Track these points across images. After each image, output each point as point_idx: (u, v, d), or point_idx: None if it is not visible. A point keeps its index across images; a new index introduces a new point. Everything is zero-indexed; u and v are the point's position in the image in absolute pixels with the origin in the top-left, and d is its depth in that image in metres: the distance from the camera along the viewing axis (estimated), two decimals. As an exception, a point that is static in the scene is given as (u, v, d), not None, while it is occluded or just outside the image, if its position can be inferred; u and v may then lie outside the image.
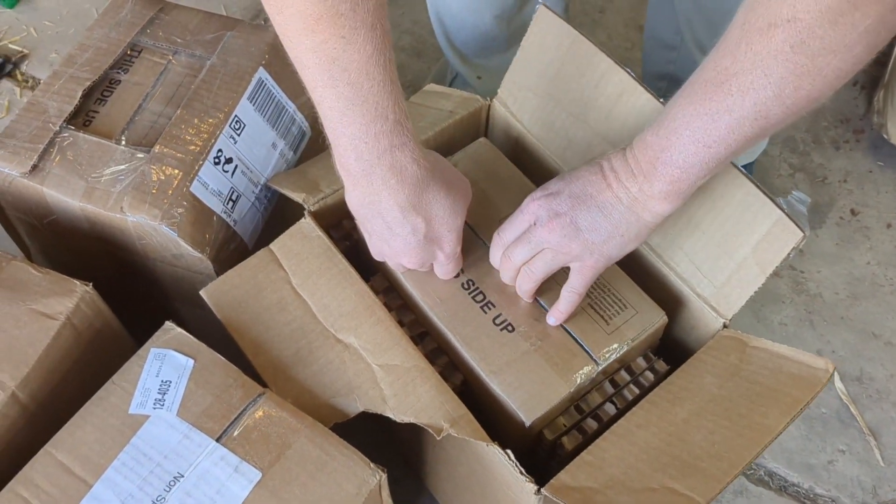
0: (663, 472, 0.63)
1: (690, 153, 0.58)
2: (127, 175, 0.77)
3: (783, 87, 0.52)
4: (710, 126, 0.56)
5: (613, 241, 0.65)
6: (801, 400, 0.65)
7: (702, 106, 0.56)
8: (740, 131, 0.55)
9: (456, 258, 0.73)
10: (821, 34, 0.49)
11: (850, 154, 1.24)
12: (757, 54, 0.51)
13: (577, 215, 0.65)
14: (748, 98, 0.53)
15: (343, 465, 0.64)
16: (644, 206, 0.63)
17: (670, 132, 0.58)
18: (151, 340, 0.70)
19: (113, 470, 0.63)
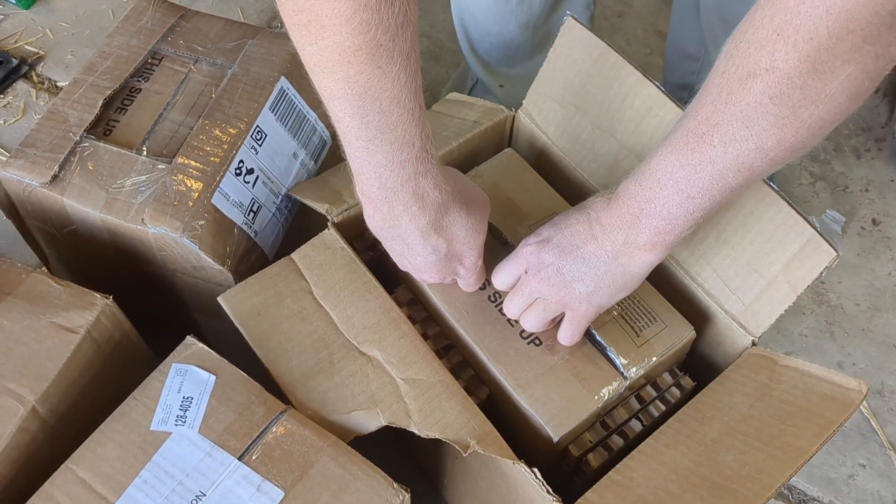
0: (693, 494, 0.62)
1: (674, 204, 0.57)
2: (148, 186, 0.76)
3: (765, 140, 0.51)
4: (693, 177, 0.55)
5: (601, 292, 0.65)
6: (835, 421, 0.64)
7: (684, 157, 0.55)
8: (723, 182, 0.54)
9: (477, 271, 0.72)
10: (800, 84, 0.47)
11: (871, 163, 1.23)
12: (737, 105, 0.50)
13: (563, 266, 0.65)
14: (730, 150, 0.52)
15: (366, 485, 0.63)
16: (630, 257, 0.62)
17: (653, 183, 0.57)
18: (173, 355, 0.69)
19: (134, 488, 0.62)
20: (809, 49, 0.46)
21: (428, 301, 0.76)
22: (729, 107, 0.51)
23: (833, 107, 0.48)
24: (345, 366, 0.70)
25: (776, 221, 0.68)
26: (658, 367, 0.73)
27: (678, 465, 0.64)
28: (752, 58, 0.48)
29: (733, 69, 0.50)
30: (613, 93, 0.77)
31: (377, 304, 0.73)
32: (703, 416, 0.68)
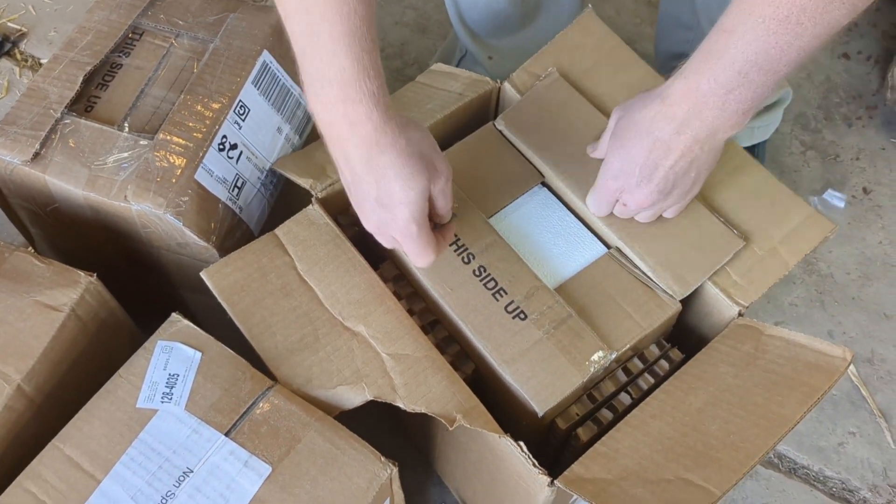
0: (678, 463, 0.63)
1: (759, 83, 0.60)
2: (130, 163, 0.76)
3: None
4: (783, 56, 0.58)
5: (699, 183, 0.69)
6: (819, 389, 0.64)
7: (770, 38, 0.58)
8: (809, 50, 0.57)
9: (414, 239, 0.66)
10: None
11: (862, 131, 1.22)
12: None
13: (662, 181, 0.68)
14: (823, 19, 0.55)
15: (353, 459, 0.63)
16: (717, 134, 0.65)
17: (736, 74, 0.60)
18: (158, 333, 0.69)
19: (121, 465, 0.62)
20: None
21: (413, 277, 0.76)
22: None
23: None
24: (330, 341, 0.70)
25: (777, 201, 0.69)
26: (644, 339, 0.73)
27: (663, 435, 0.65)
28: None
29: None
30: (619, 81, 0.77)
31: (362, 280, 0.73)
32: (689, 387, 0.68)
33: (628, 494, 0.61)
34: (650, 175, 0.68)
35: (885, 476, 0.96)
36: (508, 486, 0.71)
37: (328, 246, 0.75)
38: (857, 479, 0.96)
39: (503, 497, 0.75)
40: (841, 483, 0.96)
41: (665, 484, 0.61)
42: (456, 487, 0.92)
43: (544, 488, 0.64)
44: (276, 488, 0.61)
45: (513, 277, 0.74)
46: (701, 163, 0.67)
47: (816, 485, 0.96)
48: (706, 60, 0.61)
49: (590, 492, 0.62)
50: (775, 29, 0.57)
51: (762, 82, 0.60)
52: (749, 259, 0.71)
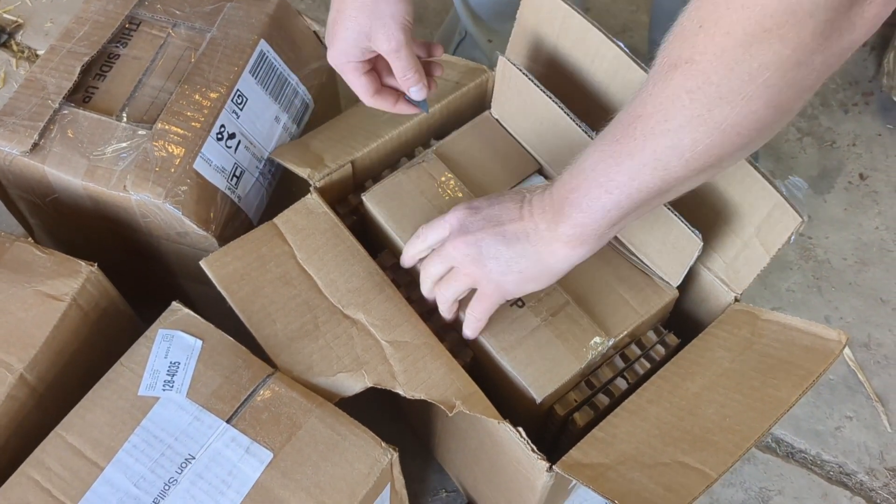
0: (675, 447, 0.63)
1: (593, 197, 0.55)
2: (129, 153, 0.76)
3: (680, 137, 0.49)
4: (612, 170, 0.53)
5: (511, 276, 0.63)
6: (814, 372, 0.65)
7: (609, 147, 0.54)
8: (640, 179, 0.52)
9: (402, 56, 0.69)
10: (716, 80, 0.46)
11: (858, 117, 1.23)
12: (659, 97, 0.49)
13: (483, 238, 0.63)
14: (648, 144, 0.51)
15: (354, 445, 0.63)
16: (548, 247, 0.61)
17: (580, 172, 0.56)
18: (159, 321, 0.69)
19: (124, 452, 0.63)
20: (726, 44, 0.44)
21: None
22: (653, 98, 0.49)
23: (750, 112, 0.47)
24: (329, 329, 0.70)
25: (745, 185, 0.68)
26: (641, 326, 0.73)
27: (660, 419, 0.65)
28: (676, 49, 0.47)
29: (661, 60, 0.49)
30: (581, 54, 0.77)
31: (361, 268, 0.73)
32: (686, 372, 0.68)
33: (626, 478, 0.61)
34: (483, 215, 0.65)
35: (882, 459, 0.97)
36: (508, 472, 0.72)
37: (327, 234, 0.75)
38: (853, 462, 0.97)
39: (503, 483, 0.75)
40: (838, 467, 0.97)
41: (662, 467, 0.62)
42: (456, 474, 0.92)
43: (543, 473, 0.64)
44: (278, 474, 0.62)
45: None
46: (526, 258, 0.62)
47: (814, 469, 0.97)
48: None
49: (588, 476, 0.62)
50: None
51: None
52: (732, 248, 0.71)
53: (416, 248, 0.70)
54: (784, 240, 0.67)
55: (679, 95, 0.48)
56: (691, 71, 0.46)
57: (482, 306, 0.67)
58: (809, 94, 0.47)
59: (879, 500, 0.95)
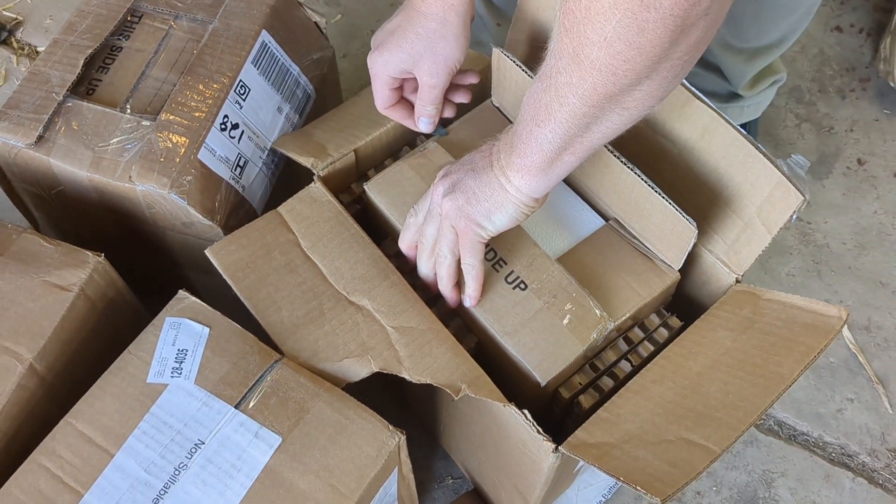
0: (679, 424, 0.64)
1: (529, 132, 0.60)
2: (134, 144, 0.77)
3: (570, 75, 0.53)
4: (540, 111, 0.58)
5: (480, 206, 0.67)
6: (815, 348, 0.65)
7: (536, 84, 0.58)
8: (555, 116, 0.57)
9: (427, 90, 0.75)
10: (581, 18, 0.49)
11: (856, 103, 1.23)
12: (553, 43, 0.53)
13: (459, 178, 0.68)
14: (552, 84, 0.55)
15: (362, 428, 0.64)
16: (506, 176, 0.65)
17: (522, 111, 0.61)
18: (166, 309, 0.70)
19: (134, 439, 0.64)
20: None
21: None
22: (555, 38, 0.53)
23: (616, 53, 0.49)
24: (335, 315, 0.71)
25: (746, 165, 0.68)
26: (644, 309, 0.74)
27: (664, 399, 0.66)
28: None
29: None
30: None
31: (365, 255, 0.74)
32: (689, 353, 0.69)
33: (630, 456, 0.62)
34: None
35: (884, 441, 0.98)
36: (513, 455, 0.72)
37: (331, 223, 0.76)
38: (855, 444, 0.98)
39: (508, 467, 0.76)
40: (840, 448, 0.98)
41: (666, 444, 0.62)
42: (461, 460, 0.93)
43: (549, 455, 0.65)
44: (287, 458, 0.63)
45: (512, 247, 0.75)
46: (489, 188, 0.67)
47: (816, 450, 0.98)
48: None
49: (593, 455, 0.63)
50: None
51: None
52: (733, 229, 0.72)
53: (410, 229, 0.74)
54: (786, 219, 0.67)
55: (560, 33, 0.51)
56: (566, 8, 0.50)
57: (466, 249, 0.70)
58: (672, 41, 0.49)
59: (881, 481, 0.96)
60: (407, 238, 0.75)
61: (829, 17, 1.32)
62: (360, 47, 1.29)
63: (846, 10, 1.32)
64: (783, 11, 0.92)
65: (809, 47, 1.28)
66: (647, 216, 0.73)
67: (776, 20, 0.93)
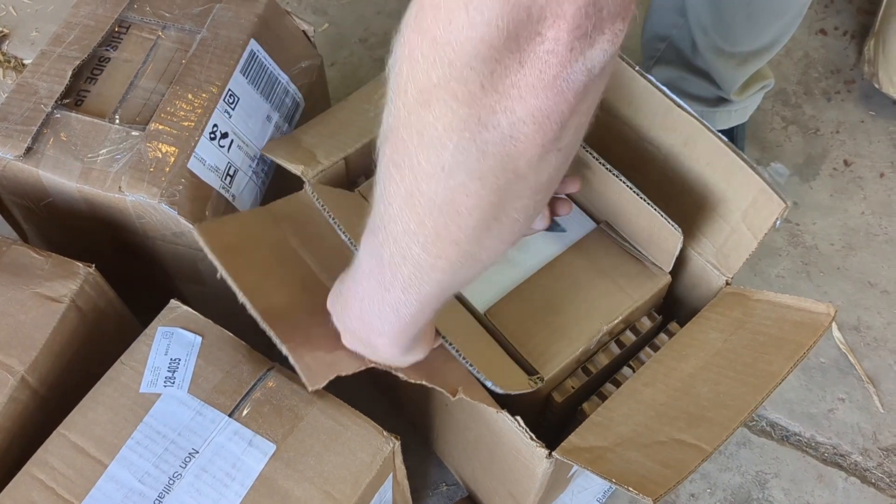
0: (671, 426, 0.64)
1: (375, 297, 0.52)
2: (123, 154, 0.76)
3: (406, 220, 0.44)
4: (377, 258, 0.49)
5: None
6: (804, 345, 0.65)
7: (371, 236, 0.49)
8: (406, 265, 0.47)
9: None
10: (413, 150, 0.41)
11: (841, 105, 1.24)
12: (378, 178, 0.45)
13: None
14: (389, 230, 0.46)
15: (356, 435, 0.64)
16: (371, 350, 0.59)
17: (358, 270, 0.54)
18: (158, 319, 0.70)
19: (128, 449, 0.63)
20: (409, 103, 0.40)
21: None
22: (382, 180, 0.45)
23: (456, 185, 0.41)
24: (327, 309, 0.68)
25: (730, 172, 0.69)
26: (636, 311, 0.74)
27: (656, 401, 0.66)
28: (385, 115, 0.43)
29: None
30: None
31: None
32: (680, 354, 0.69)
33: (623, 459, 0.62)
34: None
35: (875, 439, 0.98)
36: (507, 461, 0.72)
37: (321, 227, 0.75)
38: (847, 443, 0.98)
39: (502, 473, 0.76)
40: (832, 448, 0.98)
41: (658, 446, 0.62)
42: (455, 467, 0.93)
43: (543, 460, 0.65)
44: (282, 465, 0.63)
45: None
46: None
47: (808, 451, 0.98)
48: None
49: (586, 459, 0.63)
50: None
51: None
52: (721, 233, 0.72)
53: None
54: (770, 224, 0.68)
55: (390, 172, 0.43)
56: (394, 140, 0.42)
57: None
58: (519, 172, 0.41)
59: (874, 480, 0.96)
60: None
61: (814, 20, 1.33)
62: (348, 56, 1.29)
63: (830, 13, 1.34)
64: (775, 13, 0.93)
65: (794, 50, 1.29)
66: (634, 221, 0.73)
67: (768, 23, 0.94)
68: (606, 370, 0.75)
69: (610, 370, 0.75)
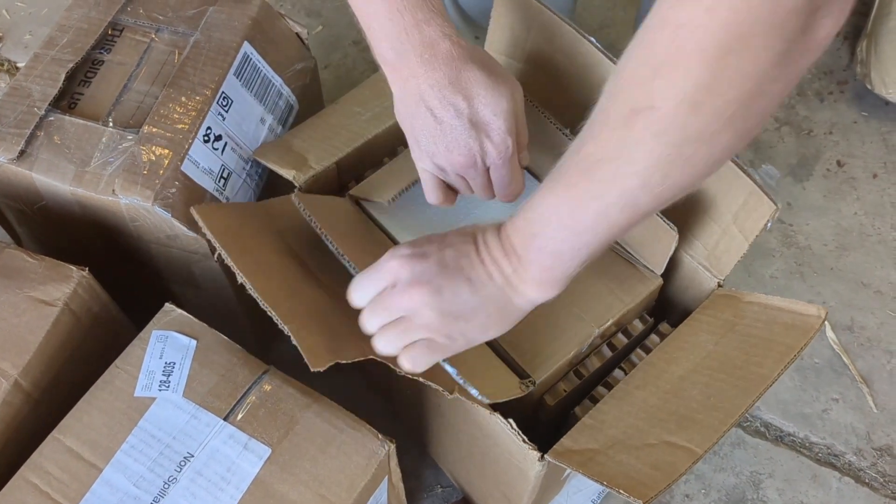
0: (661, 428, 0.64)
1: (559, 240, 0.54)
2: (117, 157, 0.76)
3: (650, 177, 0.48)
4: (577, 213, 0.52)
5: (477, 321, 0.59)
6: (795, 347, 0.66)
7: (567, 192, 0.52)
8: (609, 219, 0.51)
9: (508, 157, 0.65)
10: (682, 123, 0.45)
11: (834, 105, 1.25)
12: (620, 142, 0.48)
13: (444, 285, 0.57)
14: (615, 186, 0.49)
15: (352, 438, 0.64)
16: (516, 290, 0.58)
17: (539, 218, 0.54)
18: (152, 322, 0.70)
19: (122, 453, 0.63)
20: (686, 87, 0.44)
21: None
22: (612, 143, 0.48)
23: (719, 144, 0.46)
24: (325, 303, 0.68)
25: (720, 174, 0.69)
26: (628, 314, 0.74)
27: (647, 403, 0.66)
28: (632, 95, 0.46)
29: (615, 107, 0.48)
30: (555, 51, 0.78)
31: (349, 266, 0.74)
32: (671, 357, 0.70)
33: (614, 461, 0.62)
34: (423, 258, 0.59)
35: (869, 439, 0.99)
36: (500, 464, 0.73)
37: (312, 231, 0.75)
38: (841, 443, 0.98)
39: (496, 476, 0.76)
40: (826, 448, 0.99)
41: (649, 448, 0.63)
42: (450, 469, 0.93)
43: (535, 463, 0.65)
44: (277, 469, 0.63)
45: None
46: (494, 304, 0.58)
47: (803, 451, 0.98)
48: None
49: (577, 462, 0.63)
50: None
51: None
52: (712, 235, 0.73)
53: (357, 300, 0.62)
54: (761, 227, 0.68)
55: (645, 140, 0.47)
56: (655, 117, 0.45)
57: (432, 355, 0.60)
58: (771, 116, 0.47)
59: (868, 480, 0.96)
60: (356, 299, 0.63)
61: (807, 22, 1.33)
62: (342, 58, 1.29)
63: (823, 15, 1.34)
64: None
65: (787, 51, 1.30)
66: None
67: None
68: (598, 373, 0.75)
69: (602, 373, 0.75)
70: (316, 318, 0.65)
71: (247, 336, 0.79)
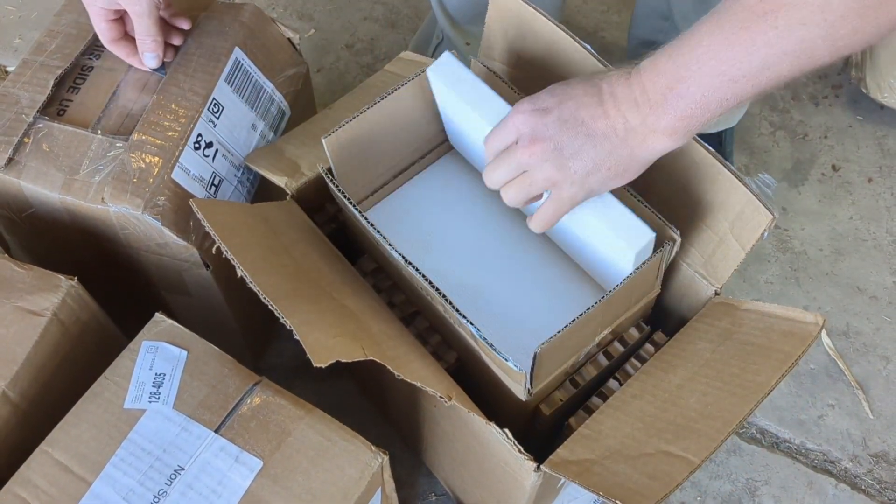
0: (658, 438, 0.64)
1: (711, 88, 0.51)
2: (106, 165, 0.75)
3: (839, 28, 0.45)
4: (741, 58, 0.49)
5: (598, 175, 0.59)
6: (793, 355, 0.65)
7: (735, 35, 0.49)
8: (776, 69, 0.49)
9: (136, 21, 0.76)
10: None
11: (829, 110, 1.24)
12: None
13: (564, 141, 0.58)
14: (794, 34, 0.46)
15: (344, 450, 0.63)
16: (642, 141, 0.57)
17: (691, 61, 0.51)
18: (142, 333, 0.69)
19: (112, 466, 0.62)
20: None
21: (393, 268, 0.76)
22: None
23: None
24: (323, 300, 0.68)
25: (717, 183, 0.68)
26: (624, 323, 0.74)
27: (644, 413, 0.66)
28: None
29: None
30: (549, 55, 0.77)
31: (343, 267, 0.73)
32: (668, 366, 0.69)
33: (611, 471, 0.62)
34: (560, 110, 0.59)
35: (865, 446, 0.98)
36: (495, 473, 0.72)
37: (306, 234, 0.75)
38: (837, 450, 0.98)
39: (491, 485, 0.76)
40: (822, 455, 0.98)
41: (646, 458, 0.62)
42: (444, 478, 0.93)
43: (531, 474, 0.64)
44: (269, 482, 0.62)
45: None
46: (616, 156, 0.58)
47: (799, 458, 0.98)
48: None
49: (574, 472, 0.62)
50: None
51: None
52: (709, 243, 0.72)
53: (488, 155, 0.64)
54: (757, 236, 0.68)
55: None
56: None
57: (558, 209, 0.62)
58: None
59: (864, 486, 0.96)
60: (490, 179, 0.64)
61: (801, 25, 1.33)
62: (334, 62, 1.28)
63: (817, 18, 1.34)
64: None
65: (782, 55, 1.29)
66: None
67: None
68: (594, 382, 0.74)
69: (598, 382, 0.75)
70: (316, 317, 0.65)
71: (237, 345, 0.78)
